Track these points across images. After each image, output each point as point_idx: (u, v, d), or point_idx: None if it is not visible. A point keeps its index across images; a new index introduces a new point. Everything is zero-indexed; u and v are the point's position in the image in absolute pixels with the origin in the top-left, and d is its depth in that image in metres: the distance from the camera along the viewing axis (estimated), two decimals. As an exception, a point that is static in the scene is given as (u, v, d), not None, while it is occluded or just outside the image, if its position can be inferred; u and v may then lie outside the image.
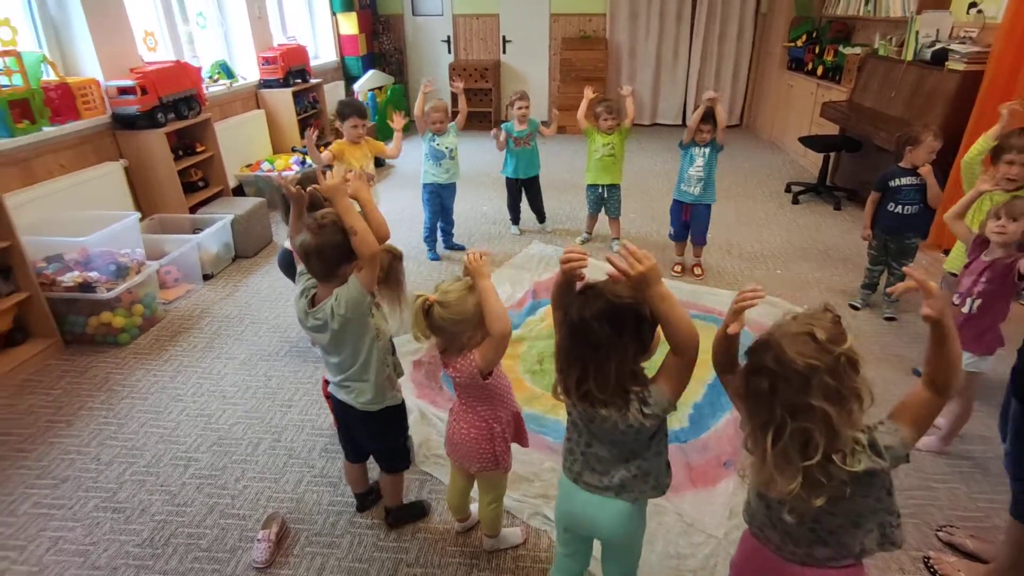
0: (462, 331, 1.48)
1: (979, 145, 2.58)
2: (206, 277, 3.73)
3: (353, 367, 1.69)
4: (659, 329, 1.23)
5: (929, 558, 1.86)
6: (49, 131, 3.31)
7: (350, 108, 3.39)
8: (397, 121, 3.63)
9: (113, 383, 2.77)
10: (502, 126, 4.13)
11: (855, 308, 3.32)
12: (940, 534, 1.95)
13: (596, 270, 1.32)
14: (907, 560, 1.88)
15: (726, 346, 1.23)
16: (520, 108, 4.04)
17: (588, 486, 1.36)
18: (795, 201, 4.99)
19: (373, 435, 1.83)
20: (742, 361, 1.16)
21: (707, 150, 3.51)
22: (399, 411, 1.85)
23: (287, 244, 2.73)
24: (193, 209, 4.04)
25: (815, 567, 1.17)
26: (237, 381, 2.77)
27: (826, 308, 1.10)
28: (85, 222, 3.12)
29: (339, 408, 1.82)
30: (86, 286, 2.91)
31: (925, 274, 1.09)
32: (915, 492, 2.13)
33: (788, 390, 1.03)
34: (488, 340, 1.47)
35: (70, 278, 2.92)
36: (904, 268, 1.13)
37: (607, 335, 1.17)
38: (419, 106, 3.75)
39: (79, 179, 3.46)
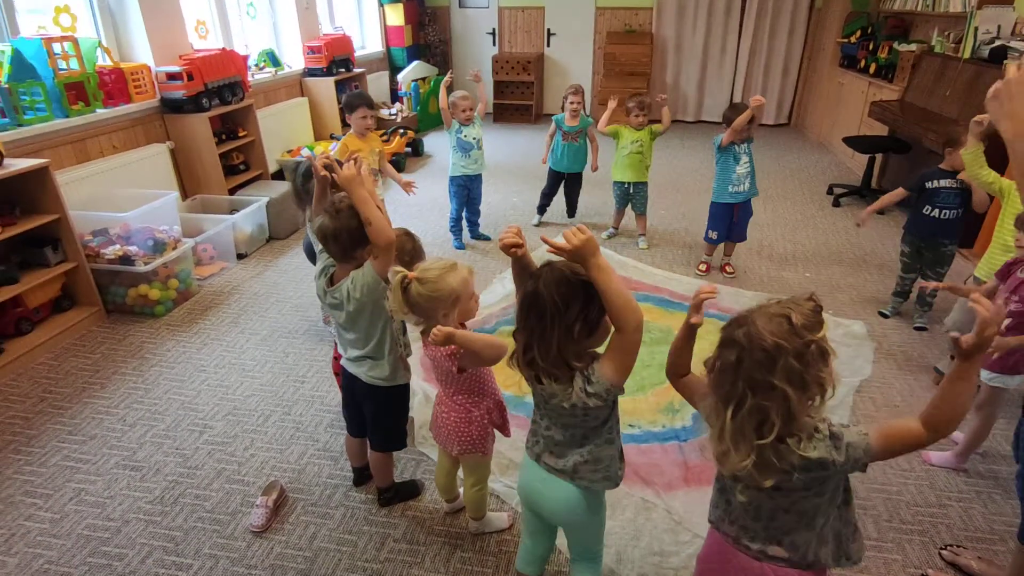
0: (437, 308, 1.52)
1: (967, 155, 2.48)
2: (240, 256, 3.90)
3: (368, 345, 1.75)
4: (608, 320, 1.24)
5: (927, 575, 1.78)
6: (102, 113, 3.53)
7: (359, 99, 3.41)
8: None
9: (146, 351, 2.95)
10: (553, 119, 4.14)
11: (884, 316, 3.18)
12: (944, 553, 1.87)
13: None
14: (904, 576, 1.81)
15: (681, 348, 1.27)
16: (573, 103, 4.02)
17: (547, 467, 1.39)
18: (836, 203, 4.80)
19: (377, 411, 1.88)
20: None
21: (747, 145, 3.42)
22: (404, 392, 1.90)
23: (311, 232, 2.82)
24: (232, 191, 4.22)
25: (772, 565, 1.16)
26: (257, 356, 2.90)
27: (810, 297, 1.09)
28: (131, 199, 3.32)
29: (348, 381, 1.89)
30: (126, 259, 3.10)
31: (990, 305, 1.00)
32: (926, 509, 2.04)
33: (753, 365, 1.03)
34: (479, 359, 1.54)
35: (112, 251, 3.11)
36: (972, 297, 1.04)
37: (555, 305, 1.19)
38: (443, 98, 3.80)
39: (129, 159, 3.67)
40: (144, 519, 2.01)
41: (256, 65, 5.05)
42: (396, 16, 7.12)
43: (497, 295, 3.40)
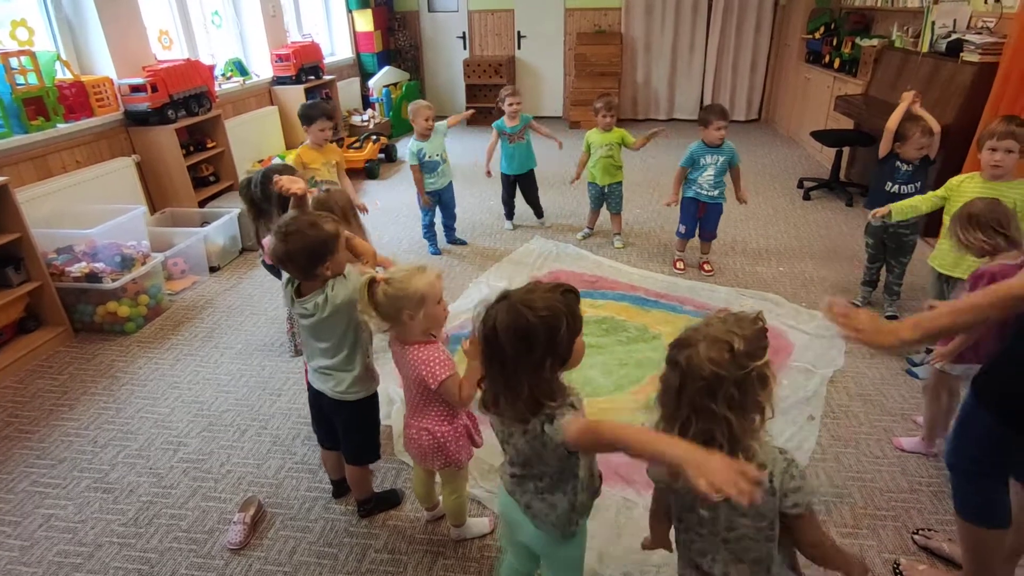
0: (401, 308, 1.51)
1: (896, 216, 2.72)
2: (213, 269, 3.84)
3: (337, 356, 1.73)
4: (579, 346, 1.20)
5: (899, 564, 1.82)
6: (64, 128, 3.45)
7: (316, 110, 3.34)
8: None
9: (116, 370, 2.88)
10: (493, 126, 4.14)
11: (855, 306, 3.23)
12: (916, 537, 1.90)
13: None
14: (879, 562, 1.84)
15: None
16: (511, 104, 4.03)
17: (510, 490, 1.36)
18: (806, 197, 4.88)
19: (346, 426, 1.86)
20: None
21: (720, 157, 3.42)
22: (372, 403, 1.88)
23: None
24: (203, 203, 4.15)
25: None
26: (232, 370, 2.85)
27: (757, 318, 1.08)
28: (96, 215, 3.24)
29: (314, 397, 1.87)
30: (92, 276, 3.03)
31: None
32: (898, 495, 2.08)
33: (694, 392, 1.04)
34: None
35: (78, 269, 3.04)
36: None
37: (516, 350, 1.11)
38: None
39: (93, 174, 3.59)
40: (118, 542, 1.96)
41: (223, 75, 4.98)
42: (365, 22, 7.08)
43: (473, 300, 3.39)
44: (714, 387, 1.01)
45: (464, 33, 7.84)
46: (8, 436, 2.46)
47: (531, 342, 1.11)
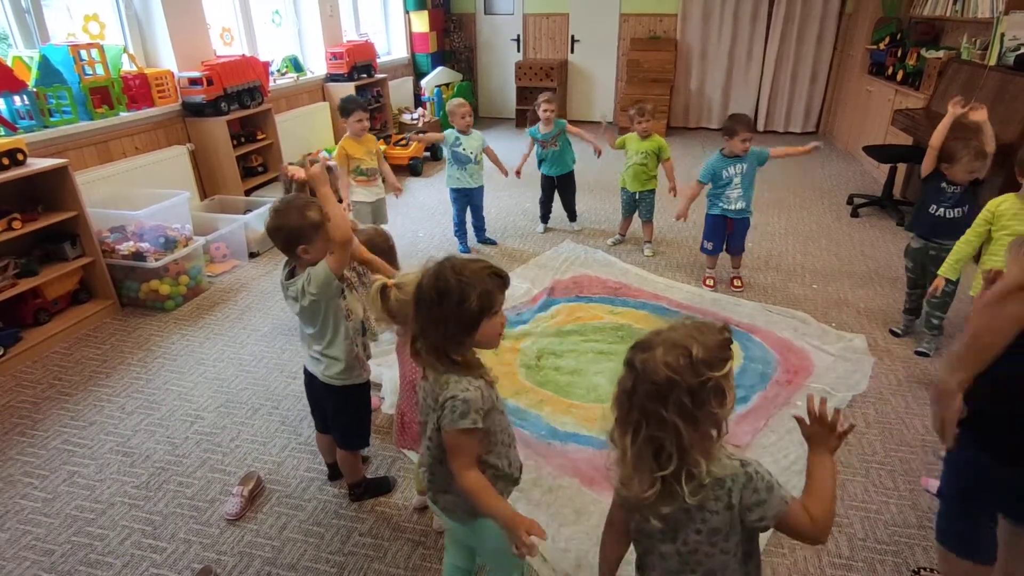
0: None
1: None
2: (252, 255, 4.03)
3: (323, 341, 1.80)
4: (491, 326, 1.26)
5: (894, 599, 1.73)
6: (126, 116, 3.71)
7: (353, 103, 3.53)
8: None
9: (152, 344, 3.08)
10: (528, 132, 4.17)
11: (895, 335, 3.07)
12: (916, 576, 1.80)
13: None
14: (871, 598, 1.76)
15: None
16: (546, 111, 4.05)
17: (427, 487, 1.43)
18: (854, 214, 4.66)
19: (335, 410, 1.93)
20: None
21: (744, 166, 3.31)
22: (362, 390, 1.94)
23: None
24: (249, 192, 4.37)
25: None
26: (255, 351, 2.99)
27: (723, 327, 1.05)
28: (147, 198, 3.47)
29: (308, 379, 1.95)
30: (138, 255, 3.25)
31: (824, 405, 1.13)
32: (904, 530, 1.98)
33: (645, 396, 1.01)
34: None
35: (126, 247, 3.26)
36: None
37: (430, 301, 1.23)
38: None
39: (150, 160, 3.84)
40: (128, 503, 2.10)
41: (278, 71, 5.22)
42: (421, 23, 7.24)
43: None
44: (665, 392, 0.99)
45: (518, 36, 7.89)
46: (50, 397, 2.67)
47: (442, 299, 1.22)
